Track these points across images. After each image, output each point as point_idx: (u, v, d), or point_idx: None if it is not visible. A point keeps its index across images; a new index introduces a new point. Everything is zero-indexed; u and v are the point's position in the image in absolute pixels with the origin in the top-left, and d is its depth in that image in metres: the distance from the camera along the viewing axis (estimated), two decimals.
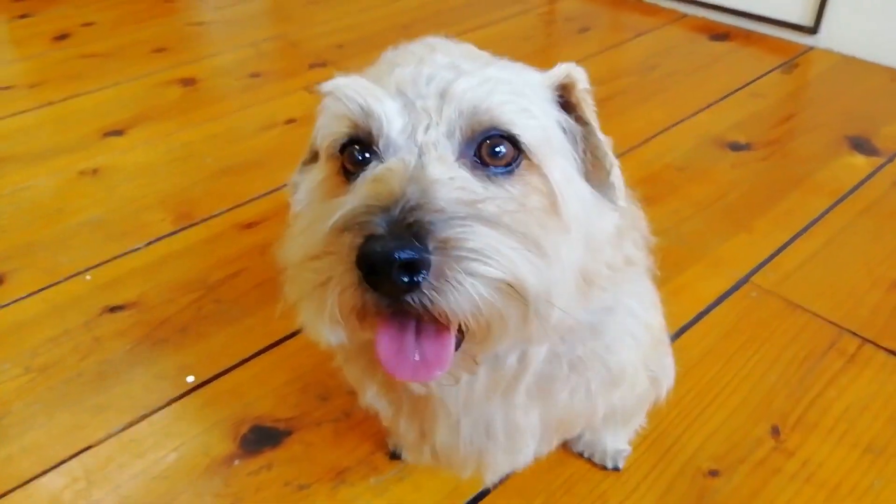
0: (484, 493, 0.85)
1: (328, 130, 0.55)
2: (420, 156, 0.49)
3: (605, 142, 0.58)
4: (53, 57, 2.01)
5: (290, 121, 1.64)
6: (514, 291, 0.46)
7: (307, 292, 0.47)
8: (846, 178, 1.35)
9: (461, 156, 0.51)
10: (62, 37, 2.13)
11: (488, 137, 0.51)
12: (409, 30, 2.10)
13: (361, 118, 0.51)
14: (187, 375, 1.01)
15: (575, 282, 0.54)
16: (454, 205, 0.45)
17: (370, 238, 0.42)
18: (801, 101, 1.65)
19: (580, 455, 0.88)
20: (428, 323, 0.47)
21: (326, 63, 1.91)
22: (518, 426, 0.64)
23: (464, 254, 0.44)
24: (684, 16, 2.07)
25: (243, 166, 1.48)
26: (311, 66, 1.90)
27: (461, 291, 0.44)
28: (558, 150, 0.56)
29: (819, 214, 1.26)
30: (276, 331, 1.07)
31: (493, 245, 0.45)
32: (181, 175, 1.46)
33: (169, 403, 0.98)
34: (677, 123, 1.55)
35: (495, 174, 0.51)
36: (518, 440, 0.66)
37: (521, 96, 0.53)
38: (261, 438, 0.93)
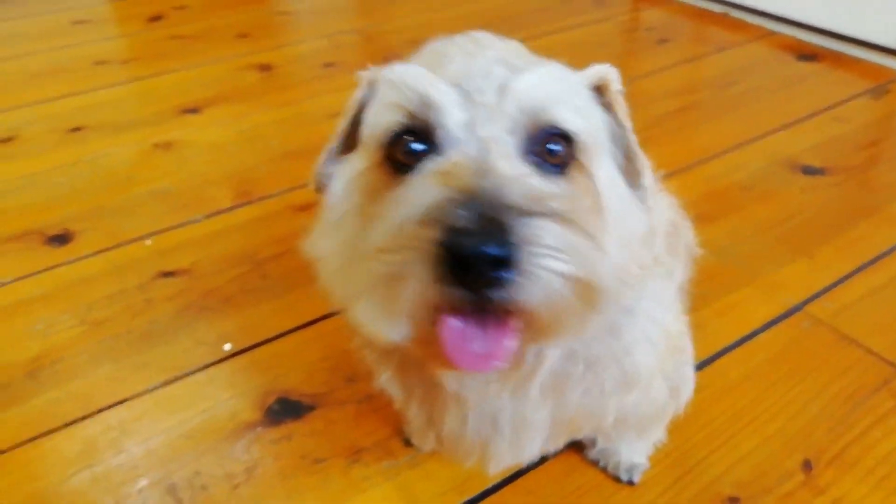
0: (493, 489, 0.84)
1: (380, 119, 0.53)
2: (483, 151, 0.48)
3: (636, 142, 0.58)
4: (146, 36, 2.13)
5: None
6: (584, 287, 0.46)
7: (372, 286, 0.47)
8: None
9: (522, 152, 0.50)
10: (156, 18, 2.25)
11: (548, 135, 0.51)
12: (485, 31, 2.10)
13: (419, 108, 0.51)
14: (225, 343, 1.05)
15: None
16: (528, 201, 0.45)
17: (460, 233, 0.42)
18: (886, 128, 1.56)
19: (595, 464, 0.86)
20: (492, 315, 0.46)
21: (398, 57, 1.93)
22: (526, 421, 0.64)
23: (543, 250, 0.44)
24: (772, 33, 2.00)
25: (306, 151, 1.53)
26: (383, 60, 1.93)
27: (538, 287, 0.44)
28: (604, 150, 0.56)
29: (889, 248, 1.19)
30: (314, 310, 1.10)
31: (569, 242, 0.45)
32: (247, 155, 1.52)
33: (205, 368, 1.01)
34: (749, 142, 1.50)
35: (549, 172, 0.51)
36: (524, 435, 0.65)
37: (574, 95, 0.54)
38: (285, 410, 0.95)
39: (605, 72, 0.58)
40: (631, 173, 0.58)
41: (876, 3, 1.79)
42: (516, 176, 0.47)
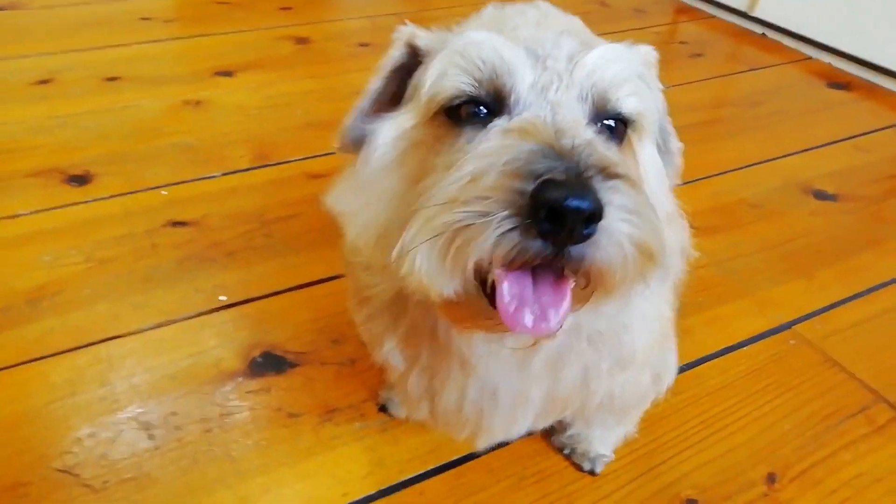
0: (456, 463, 0.86)
1: (445, 83, 0.52)
2: (555, 114, 0.49)
3: (670, 123, 0.61)
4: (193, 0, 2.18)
5: None
6: (646, 251, 0.46)
7: (438, 237, 0.45)
8: None
9: (589, 122, 0.51)
10: None
11: (609, 113, 0.52)
12: None
13: (490, 73, 0.50)
14: (221, 294, 1.08)
15: None
16: (612, 165, 0.45)
17: (556, 185, 0.41)
18: None
19: (560, 450, 0.87)
20: (552, 276, 0.46)
21: None
22: (524, 395, 0.64)
23: (622, 212, 0.44)
24: (808, 58, 1.98)
25: (328, 123, 1.55)
26: None
27: (614, 246, 0.43)
28: (652, 130, 0.58)
29: (889, 280, 1.18)
30: (310, 273, 1.12)
31: (640, 206, 0.45)
32: (271, 121, 1.55)
33: (198, 315, 1.05)
34: (765, 161, 1.49)
35: (609, 143, 0.52)
36: (520, 410, 0.66)
37: (637, 77, 0.55)
38: (268, 364, 0.98)
39: (650, 51, 0.60)
40: (663, 152, 0.60)
41: None
42: (591, 139, 0.47)
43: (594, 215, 0.41)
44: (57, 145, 1.41)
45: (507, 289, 0.45)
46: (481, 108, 0.51)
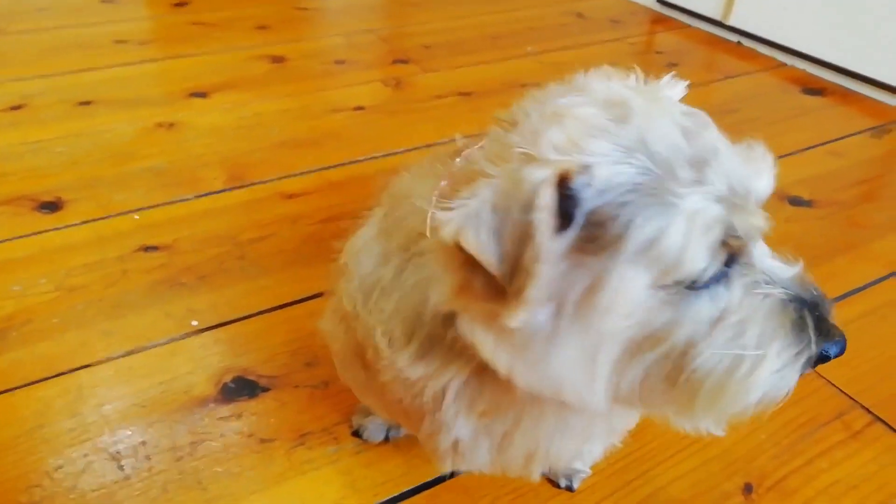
0: (431, 484, 0.85)
1: (692, 259, 0.46)
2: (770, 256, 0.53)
3: None
4: (168, 20, 2.18)
5: (358, 108, 1.70)
6: None
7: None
8: None
9: None
10: (182, 3, 2.30)
11: None
12: (497, 41, 2.12)
13: (728, 239, 0.48)
14: (193, 319, 1.07)
15: None
16: None
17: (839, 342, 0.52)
18: (882, 167, 1.55)
19: None
20: None
21: (409, 60, 1.96)
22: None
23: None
24: (782, 65, 1.99)
25: (303, 142, 1.55)
26: (394, 62, 1.96)
27: None
28: None
29: (865, 284, 1.18)
30: (284, 294, 1.11)
31: None
32: (245, 141, 1.55)
33: (169, 341, 1.03)
34: None
35: None
36: (588, 433, 0.68)
37: None
38: (240, 389, 0.97)
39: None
40: None
41: (888, 42, 1.78)
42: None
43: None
44: (28, 172, 1.40)
45: None
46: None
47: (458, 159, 0.58)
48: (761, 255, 0.52)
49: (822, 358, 0.51)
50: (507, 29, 2.22)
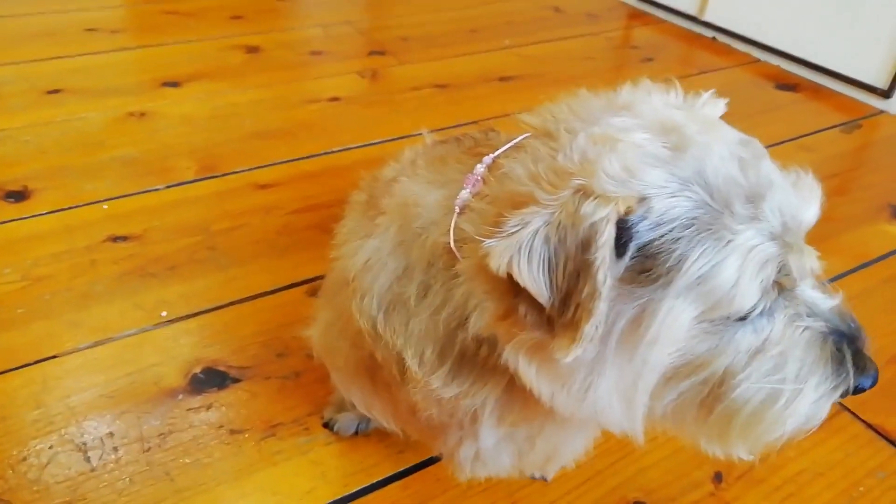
0: (401, 475, 0.85)
1: (744, 295, 0.46)
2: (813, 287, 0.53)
3: None
4: (142, 9, 2.14)
5: (334, 98, 1.68)
6: None
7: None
8: (875, 244, 1.28)
9: None
10: None
11: None
12: (476, 34, 2.12)
13: (777, 275, 0.48)
14: (162, 310, 1.05)
15: None
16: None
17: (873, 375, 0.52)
18: (852, 161, 1.58)
19: None
20: None
21: (386, 52, 1.95)
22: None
23: None
24: (756, 61, 2.01)
25: (276, 133, 1.53)
26: (371, 53, 1.95)
27: None
28: None
29: (836, 275, 1.20)
30: (254, 285, 1.10)
31: None
32: (218, 131, 1.53)
33: (138, 332, 1.02)
34: None
35: None
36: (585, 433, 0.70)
37: None
38: (210, 380, 0.95)
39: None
40: None
41: (860, 40, 1.80)
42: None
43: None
44: None
45: None
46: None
47: (479, 165, 0.56)
48: (804, 286, 0.52)
49: (857, 390, 0.52)
50: (485, 22, 2.21)
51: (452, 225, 0.53)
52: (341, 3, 2.33)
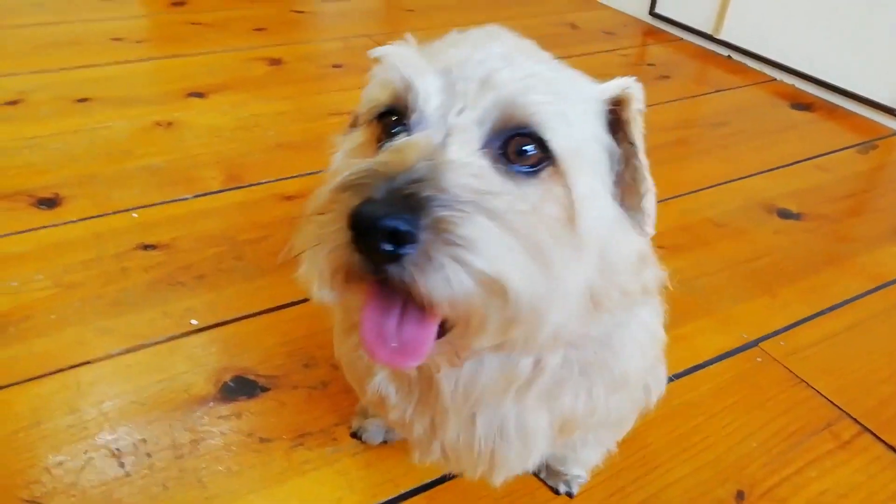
0: (428, 486, 0.86)
1: (371, 96, 0.54)
2: (446, 136, 0.48)
3: (645, 165, 0.56)
4: (166, 19, 2.18)
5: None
6: (497, 289, 0.44)
7: (308, 244, 0.47)
8: (893, 265, 1.29)
9: (486, 146, 0.49)
10: (179, 3, 2.30)
11: (518, 134, 0.49)
12: None
13: (402, 89, 0.51)
14: (192, 318, 1.07)
15: (580, 299, 0.52)
16: (460, 189, 0.44)
17: (365, 201, 0.42)
18: (867, 182, 1.59)
19: (535, 473, 0.88)
20: (412, 307, 0.46)
21: None
22: (529, 427, 0.63)
23: (454, 238, 0.42)
24: (772, 80, 2.03)
25: (299, 144, 1.56)
26: None
27: (442, 275, 0.42)
28: (590, 163, 0.53)
29: (852, 297, 1.21)
30: (281, 295, 1.12)
31: (487, 238, 0.43)
32: (242, 142, 1.55)
33: (168, 340, 1.04)
34: (730, 181, 1.52)
35: (518, 172, 0.49)
36: (530, 441, 0.65)
37: (563, 100, 0.51)
38: (239, 388, 0.97)
39: (626, 86, 0.55)
40: (632, 194, 0.56)
41: (876, 60, 1.82)
42: (461, 163, 0.46)
43: (399, 234, 0.41)
44: (25, 168, 1.39)
45: (370, 317, 0.46)
46: (398, 125, 0.52)
47: None
48: (438, 136, 0.50)
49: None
50: None
51: None
52: (359, 17, 2.36)
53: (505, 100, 0.49)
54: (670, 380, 1.02)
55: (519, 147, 0.49)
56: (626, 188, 0.56)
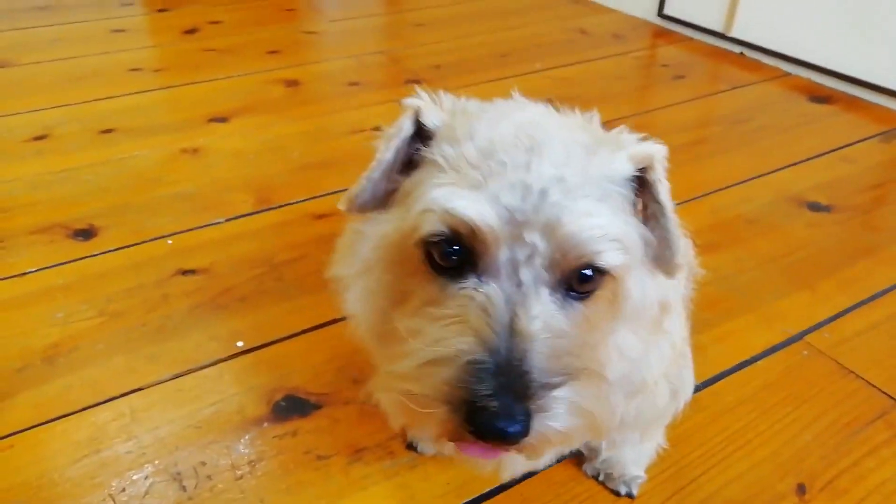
0: (490, 494, 0.86)
1: (424, 224, 0.52)
2: (519, 287, 0.51)
3: (674, 222, 0.59)
4: (180, 48, 2.20)
5: (377, 128, 1.71)
6: (594, 426, 0.53)
7: (399, 401, 0.52)
8: None
9: (555, 288, 0.53)
10: (191, 31, 2.32)
11: (584, 272, 0.53)
12: (506, 58, 2.16)
13: (466, 231, 0.51)
14: (237, 340, 1.08)
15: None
16: (551, 363, 0.50)
17: (484, 408, 0.47)
18: (893, 171, 1.59)
19: (594, 477, 0.88)
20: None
21: (422, 80, 1.99)
22: None
23: (553, 415, 0.49)
24: (787, 74, 2.04)
25: (326, 163, 1.57)
26: (407, 82, 1.99)
27: (543, 437, 0.50)
28: (637, 262, 0.57)
29: (890, 286, 1.21)
30: (324, 313, 1.13)
31: (577, 403, 0.50)
32: (269, 164, 1.57)
33: (216, 363, 1.05)
34: (757, 177, 1.53)
35: (577, 297, 0.54)
36: None
37: (616, 224, 0.53)
38: (292, 407, 0.98)
39: (652, 154, 0.58)
40: (661, 248, 0.59)
41: (890, 49, 1.82)
42: (542, 334, 0.50)
43: (517, 434, 0.47)
44: (57, 200, 1.41)
45: (464, 448, 0.54)
46: (455, 252, 0.53)
47: None
48: (511, 287, 0.53)
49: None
50: (514, 46, 2.26)
51: None
52: (370, 34, 2.38)
53: (573, 249, 0.51)
54: (719, 377, 1.03)
55: (581, 279, 0.54)
56: (655, 238, 0.59)
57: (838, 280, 1.23)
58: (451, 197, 0.52)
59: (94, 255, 1.26)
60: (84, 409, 0.97)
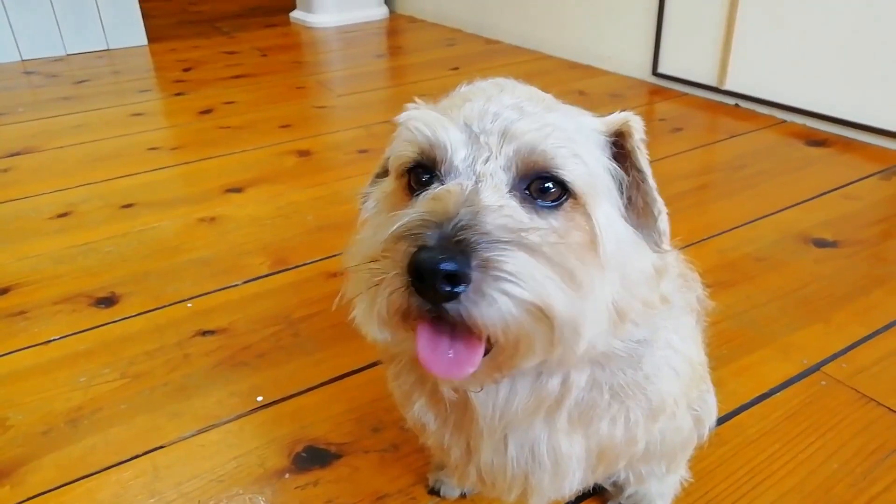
0: None
1: (399, 153, 0.60)
2: (476, 182, 0.54)
3: (654, 188, 0.61)
4: (196, 127, 2.30)
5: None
6: (541, 315, 0.50)
7: (363, 289, 0.53)
8: None
9: (513, 188, 0.56)
10: (206, 111, 2.43)
11: (539, 177, 0.56)
12: None
13: (428, 146, 0.57)
14: (257, 395, 1.09)
15: (607, 315, 0.58)
16: (500, 229, 0.50)
17: (421, 248, 0.48)
18: None
19: None
20: (462, 330, 0.51)
21: None
22: (562, 451, 0.66)
23: (501, 274, 0.48)
24: (782, 122, 2.09)
25: (338, 225, 1.62)
26: None
27: (493, 307, 0.48)
28: (603, 193, 0.59)
29: None
30: (342, 366, 1.14)
31: (529, 270, 0.50)
32: (284, 228, 1.61)
33: (237, 418, 1.06)
34: (761, 218, 1.55)
35: (542, 207, 0.56)
36: (563, 466, 0.67)
37: (574, 142, 0.57)
38: (313, 458, 0.98)
39: (628, 119, 0.61)
40: (646, 216, 0.61)
41: (883, 91, 1.88)
42: (496, 206, 0.52)
43: (455, 275, 0.47)
44: (80, 272, 1.45)
45: (424, 340, 0.52)
46: (427, 174, 0.58)
47: None
48: (469, 183, 0.55)
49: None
50: None
51: None
52: (376, 106, 2.48)
53: (526, 149, 0.55)
54: (740, 410, 1.03)
55: (541, 186, 0.56)
56: (639, 211, 0.62)
57: (851, 311, 1.23)
58: (415, 114, 0.59)
59: (116, 321, 1.29)
60: (107, 468, 0.97)
